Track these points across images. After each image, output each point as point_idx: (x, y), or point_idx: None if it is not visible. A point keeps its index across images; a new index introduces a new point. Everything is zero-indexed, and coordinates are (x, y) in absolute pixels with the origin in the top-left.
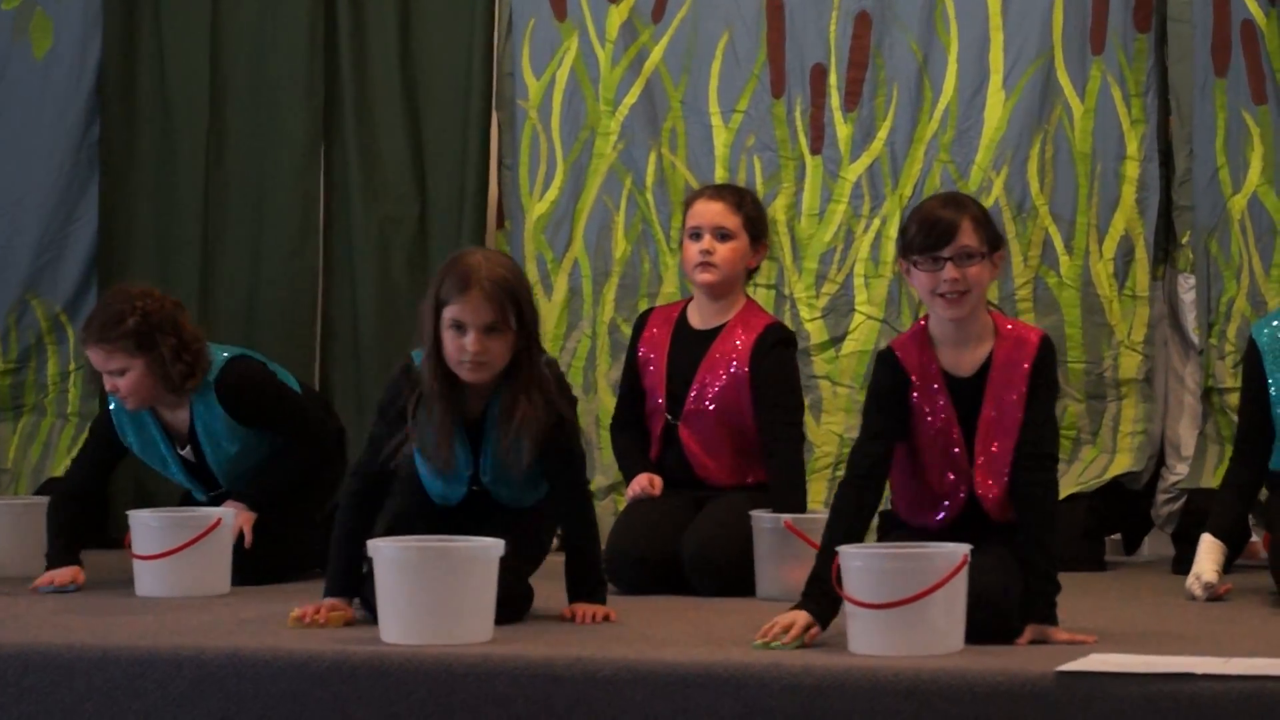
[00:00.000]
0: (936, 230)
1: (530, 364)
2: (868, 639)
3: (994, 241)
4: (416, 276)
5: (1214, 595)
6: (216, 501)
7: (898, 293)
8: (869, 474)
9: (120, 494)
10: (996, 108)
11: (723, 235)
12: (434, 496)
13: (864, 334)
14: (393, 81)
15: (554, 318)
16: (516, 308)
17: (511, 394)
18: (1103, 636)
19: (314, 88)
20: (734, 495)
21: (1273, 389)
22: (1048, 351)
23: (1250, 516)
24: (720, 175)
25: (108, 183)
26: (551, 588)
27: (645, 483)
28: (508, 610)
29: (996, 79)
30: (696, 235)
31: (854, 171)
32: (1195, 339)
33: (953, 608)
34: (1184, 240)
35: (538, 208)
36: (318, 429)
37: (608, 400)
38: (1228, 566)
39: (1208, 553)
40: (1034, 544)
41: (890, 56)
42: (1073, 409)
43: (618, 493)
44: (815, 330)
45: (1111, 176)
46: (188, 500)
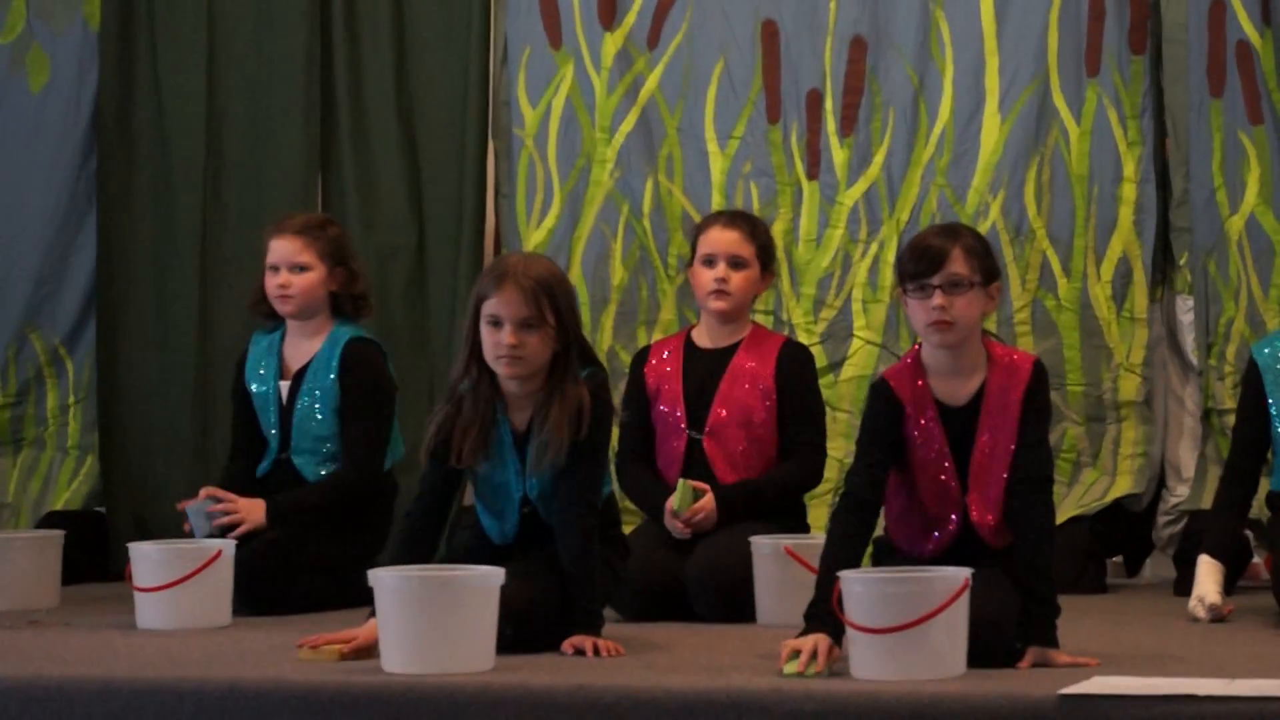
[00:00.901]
0: (926, 257)
1: (566, 366)
2: (869, 663)
3: (988, 273)
4: (413, 305)
5: (1217, 616)
6: (279, 467)
7: (895, 318)
8: (864, 502)
9: (121, 526)
10: (992, 131)
11: (737, 264)
12: (492, 535)
13: (862, 359)
14: (388, 111)
15: None
16: (554, 305)
17: (547, 396)
18: (1105, 659)
19: (310, 117)
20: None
21: (1273, 408)
22: (1040, 377)
23: (1252, 538)
24: (717, 201)
25: (105, 215)
26: None
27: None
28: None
29: (992, 102)
30: (710, 262)
31: (851, 196)
32: (1194, 360)
33: (954, 632)
34: (1182, 262)
35: (535, 236)
36: (372, 454)
37: None
38: (1228, 587)
39: (1208, 574)
40: (1032, 567)
41: (886, 81)
42: (1072, 432)
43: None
44: (813, 355)
45: (1108, 199)
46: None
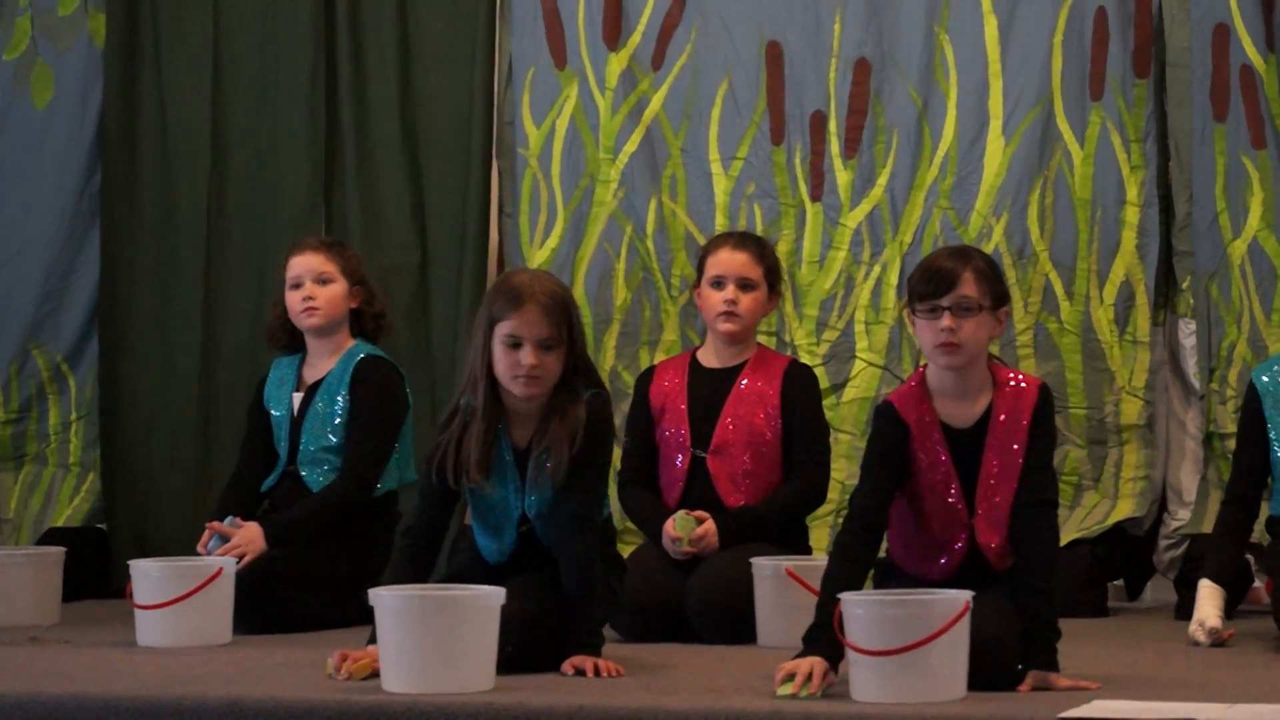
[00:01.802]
0: (937, 278)
1: (572, 385)
2: (870, 686)
3: (998, 297)
4: (416, 324)
5: (1218, 640)
6: (286, 480)
7: (899, 339)
8: (868, 525)
9: (122, 543)
10: (996, 154)
11: (746, 285)
12: (487, 554)
13: (865, 381)
14: (393, 129)
15: None
16: (569, 323)
17: (549, 412)
18: (1105, 683)
19: (314, 136)
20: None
21: (1272, 433)
22: (1046, 400)
23: (1253, 562)
24: (721, 223)
25: (109, 233)
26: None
27: (711, 530)
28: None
29: (996, 125)
30: (719, 284)
31: (854, 218)
32: (1196, 384)
33: (955, 654)
34: (1184, 285)
35: (538, 256)
36: (367, 467)
37: None
38: (1229, 611)
39: (1208, 598)
40: (1035, 590)
41: (890, 103)
42: (1074, 455)
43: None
44: (818, 377)
45: (1111, 222)
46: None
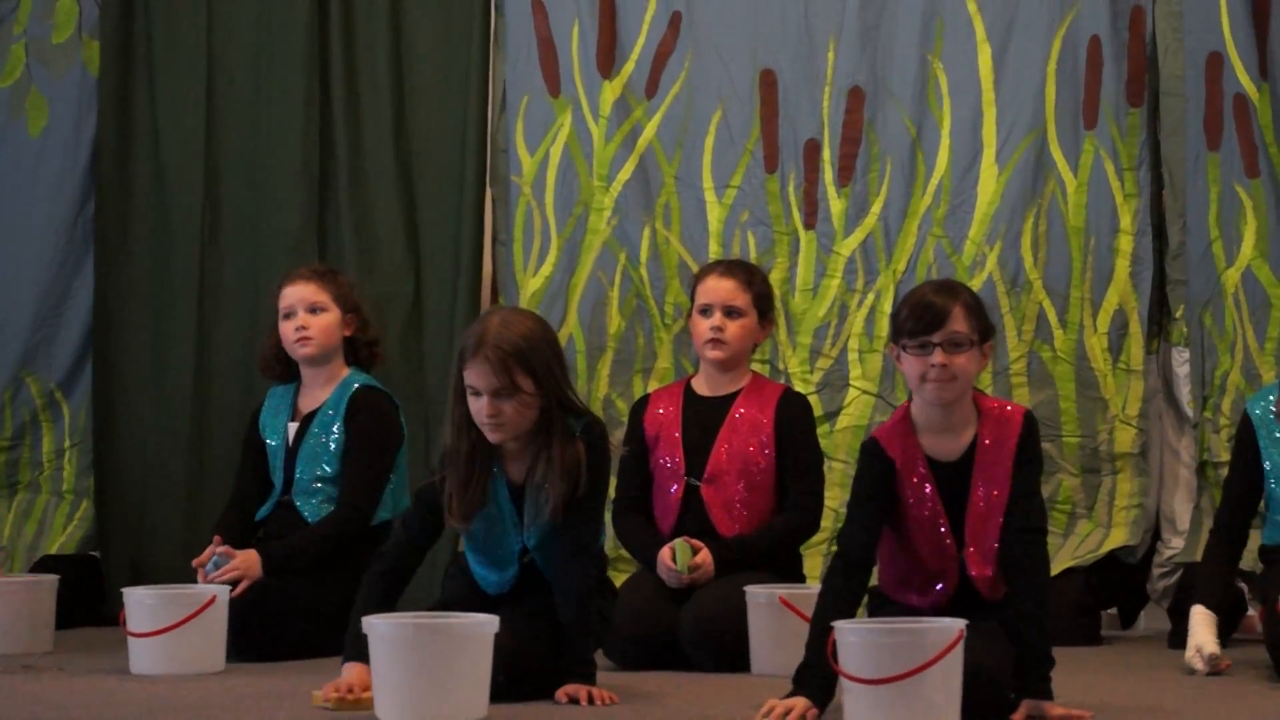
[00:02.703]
0: (928, 315)
1: (551, 424)
2: (864, 715)
3: (984, 331)
4: (410, 351)
5: (1215, 668)
6: (280, 509)
7: (892, 367)
8: (857, 562)
9: (115, 571)
10: (990, 182)
11: (732, 313)
12: (486, 586)
13: (858, 409)
14: (387, 157)
15: None
16: (527, 369)
17: (538, 450)
18: (1099, 711)
19: (308, 163)
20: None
21: (1267, 464)
22: (1032, 428)
23: (1246, 590)
24: (714, 250)
25: (103, 260)
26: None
27: (708, 559)
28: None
29: (989, 154)
30: (707, 312)
31: (848, 246)
32: (1190, 412)
33: (949, 683)
34: (1178, 314)
35: (532, 284)
36: (366, 496)
37: None
38: (1222, 639)
39: (1203, 624)
40: (1027, 618)
41: (883, 131)
42: (1068, 483)
43: (614, 567)
44: (811, 406)
45: (1105, 250)
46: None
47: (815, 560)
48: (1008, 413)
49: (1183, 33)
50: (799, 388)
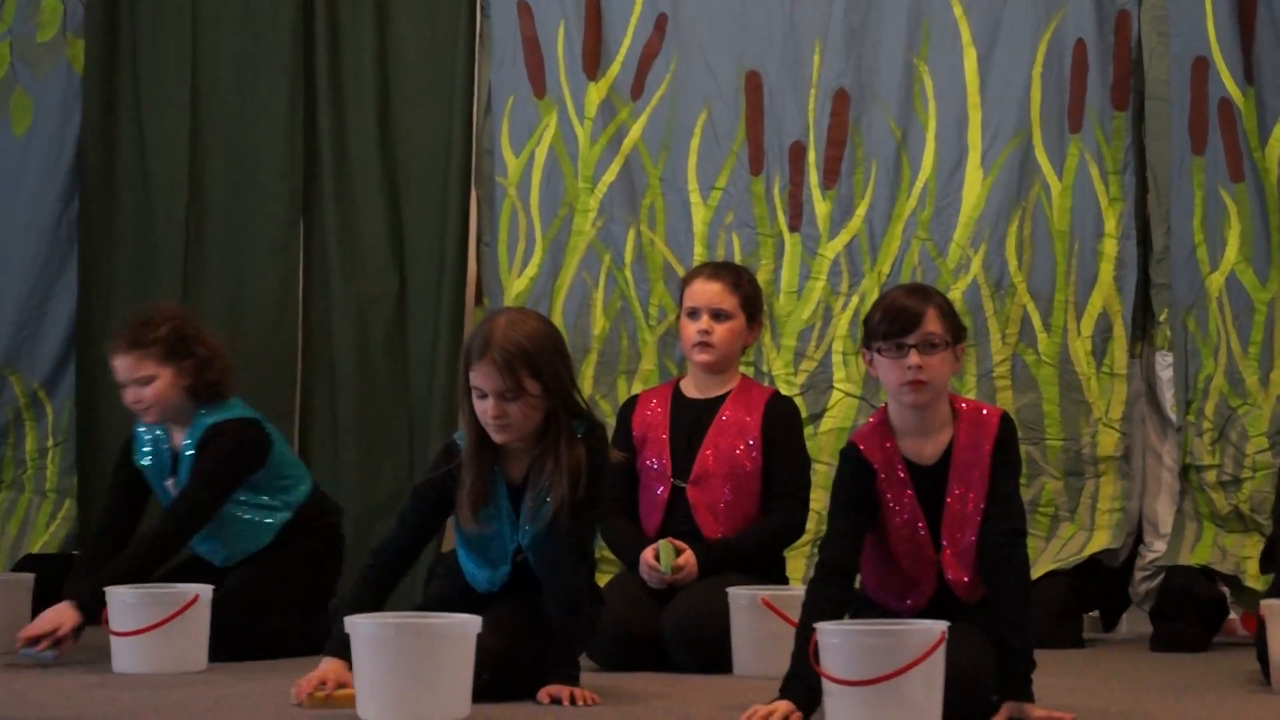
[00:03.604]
0: (902, 318)
1: (555, 427)
2: (845, 716)
3: (957, 333)
4: (395, 353)
5: None
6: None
7: None
8: (840, 570)
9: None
10: (974, 185)
11: (720, 316)
12: (477, 584)
13: (842, 411)
14: (371, 157)
15: None
16: (533, 372)
17: (542, 453)
18: (1080, 714)
19: (293, 165)
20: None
21: None
22: (1008, 429)
23: (1228, 594)
24: (699, 252)
25: (87, 259)
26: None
27: (690, 560)
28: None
29: (974, 157)
30: (694, 315)
31: (832, 249)
32: (1173, 416)
33: (931, 685)
34: (1162, 318)
35: (516, 285)
36: (186, 511)
37: None
38: (1205, 643)
39: None
40: (1007, 621)
41: (869, 134)
42: (1050, 486)
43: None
44: (799, 409)
45: (1089, 254)
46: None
47: (798, 562)
48: (984, 415)
49: (1168, 37)
50: (783, 390)
